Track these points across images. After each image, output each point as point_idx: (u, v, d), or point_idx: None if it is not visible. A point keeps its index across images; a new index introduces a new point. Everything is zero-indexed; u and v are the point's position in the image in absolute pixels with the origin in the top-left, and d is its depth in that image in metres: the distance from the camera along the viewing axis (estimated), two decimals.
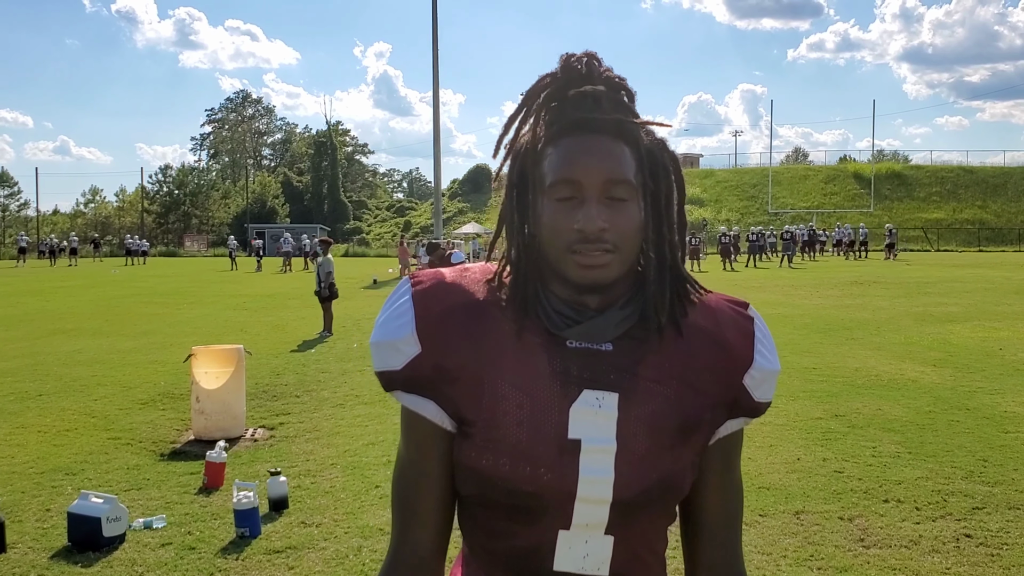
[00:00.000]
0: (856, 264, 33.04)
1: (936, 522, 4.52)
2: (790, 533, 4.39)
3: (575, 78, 1.10)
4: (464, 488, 1.12)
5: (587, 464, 1.05)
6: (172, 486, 5.35)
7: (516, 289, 1.11)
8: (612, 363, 1.07)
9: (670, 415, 1.08)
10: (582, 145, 1.06)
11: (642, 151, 1.09)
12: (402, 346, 1.10)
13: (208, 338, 11.74)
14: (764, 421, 6.71)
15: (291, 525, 4.63)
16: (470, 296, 1.11)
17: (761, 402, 1.15)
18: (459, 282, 1.13)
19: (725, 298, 1.18)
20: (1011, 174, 57.42)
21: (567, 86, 1.10)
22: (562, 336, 1.09)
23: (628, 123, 1.09)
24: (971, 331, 12.04)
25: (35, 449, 6.24)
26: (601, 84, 1.10)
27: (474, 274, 1.15)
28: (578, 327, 1.08)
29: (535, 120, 1.13)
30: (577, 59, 1.12)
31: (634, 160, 1.07)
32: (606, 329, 1.09)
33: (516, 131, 1.15)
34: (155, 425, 6.99)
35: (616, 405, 1.06)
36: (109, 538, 4.31)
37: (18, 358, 10.59)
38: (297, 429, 6.84)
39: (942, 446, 5.97)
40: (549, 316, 1.09)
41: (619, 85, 1.12)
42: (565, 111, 1.09)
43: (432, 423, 1.11)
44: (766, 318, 1.22)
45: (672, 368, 1.09)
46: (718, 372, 1.11)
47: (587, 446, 1.05)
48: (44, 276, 31.42)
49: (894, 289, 19.60)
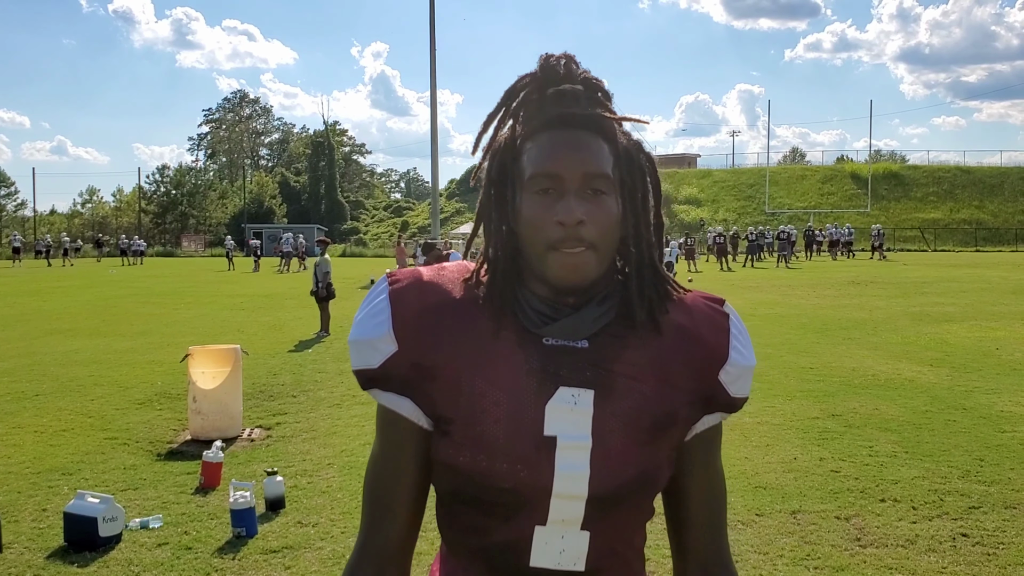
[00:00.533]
0: (853, 264, 33.07)
1: (933, 521, 4.53)
2: (787, 532, 4.40)
3: (554, 78, 1.12)
4: (441, 485, 1.13)
5: (563, 460, 1.06)
6: (169, 486, 5.34)
7: (493, 287, 1.12)
8: (588, 360, 1.08)
9: (646, 411, 1.09)
10: (561, 139, 1.07)
11: (620, 149, 1.11)
12: (379, 344, 1.11)
13: (205, 338, 11.73)
14: (761, 421, 6.72)
15: (288, 525, 4.63)
16: (447, 294, 1.12)
17: (737, 397, 1.16)
18: (436, 280, 1.14)
19: (701, 295, 1.19)
20: (1008, 174, 57.50)
21: (546, 85, 1.12)
22: (539, 333, 1.09)
23: (606, 119, 1.10)
24: (968, 331, 12.06)
25: (32, 449, 6.23)
26: (579, 84, 1.12)
27: (451, 272, 1.16)
28: (555, 324, 1.09)
29: (514, 118, 1.15)
30: (556, 59, 1.14)
31: (612, 156, 1.09)
32: (583, 326, 1.10)
33: (495, 129, 1.17)
34: (152, 425, 6.98)
35: (591, 402, 1.07)
36: (105, 538, 4.30)
37: (15, 358, 10.57)
38: (294, 429, 6.84)
39: (939, 446, 5.98)
40: (526, 313, 1.10)
41: (596, 86, 1.14)
42: (544, 107, 1.10)
43: (409, 421, 1.12)
44: (763, 318, 1.23)
45: (648, 364, 1.10)
46: (694, 368, 1.12)
47: (563, 442, 1.06)
48: (41, 276, 31.37)
49: (891, 289, 19.63)
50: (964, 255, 40.57)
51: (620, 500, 1.08)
